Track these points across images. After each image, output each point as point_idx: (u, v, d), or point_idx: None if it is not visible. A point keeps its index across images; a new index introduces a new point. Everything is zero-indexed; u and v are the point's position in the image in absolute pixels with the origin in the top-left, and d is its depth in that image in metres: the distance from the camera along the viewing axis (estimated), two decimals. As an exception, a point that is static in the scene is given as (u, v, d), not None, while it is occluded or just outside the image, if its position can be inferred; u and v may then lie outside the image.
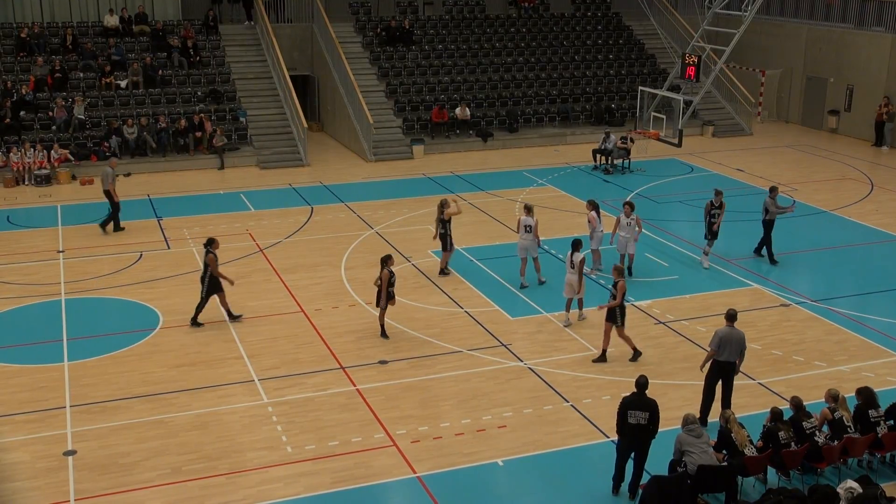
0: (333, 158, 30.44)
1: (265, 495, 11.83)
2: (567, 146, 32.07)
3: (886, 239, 22.14)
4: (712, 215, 19.56)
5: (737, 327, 13.24)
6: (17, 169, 26.44)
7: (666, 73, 34.62)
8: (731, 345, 13.14)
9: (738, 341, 13.18)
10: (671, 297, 18.38)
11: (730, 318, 13.30)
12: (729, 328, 13.16)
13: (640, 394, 11.61)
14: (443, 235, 19.08)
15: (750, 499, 11.58)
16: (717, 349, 13.12)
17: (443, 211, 18.96)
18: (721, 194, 19.70)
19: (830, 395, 12.53)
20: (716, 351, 13.13)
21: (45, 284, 18.94)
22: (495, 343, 16.28)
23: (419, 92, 32.95)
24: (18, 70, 29.87)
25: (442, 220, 18.97)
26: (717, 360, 13.19)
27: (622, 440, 11.71)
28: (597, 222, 19.02)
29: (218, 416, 13.77)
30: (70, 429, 13.39)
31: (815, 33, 35.82)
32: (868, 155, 31.41)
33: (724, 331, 13.15)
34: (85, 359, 15.59)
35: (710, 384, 13.36)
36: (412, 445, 12.98)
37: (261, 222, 23.20)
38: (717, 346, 13.12)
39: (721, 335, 13.12)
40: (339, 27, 33.84)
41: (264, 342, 16.30)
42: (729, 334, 13.12)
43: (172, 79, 31.09)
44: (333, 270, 19.81)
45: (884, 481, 11.81)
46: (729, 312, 13.38)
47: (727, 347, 13.12)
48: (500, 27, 36.68)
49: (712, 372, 13.30)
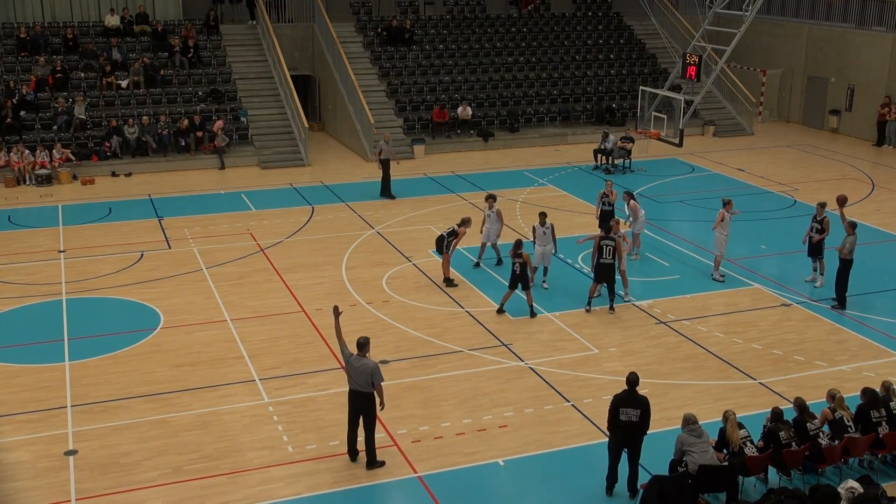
0: (334, 158, 30.44)
1: (266, 495, 11.84)
2: (568, 146, 32.07)
3: (887, 239, 22.13)
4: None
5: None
6: (18, 169, 26.46)
7: (667, 72, 34.61)
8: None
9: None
10: (671, 297, 18.38)
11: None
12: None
13: (631, 391, 11.60)
14: (441, 239, 19.06)
15: (751, 498, 11.58)
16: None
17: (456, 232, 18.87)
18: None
19: (830, 394, 12.55)
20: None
21: (46, 284, 18.95)
22: (496, 343, 16.28)
23: (420, 92, 32.95)
24: (20, 70, 29.88)
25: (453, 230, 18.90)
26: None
27: (613, 438, 11.72)
28: (639, 209, 19.88)
29: (219, 415, 13.77)
30: (71, 428, 13.40)
31: (815, 33, 35.81)
32: (869, 155, 31.40)
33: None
34: (86, 358, 15.60)
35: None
36: (413, 445, 12.98)
37: (262, 222, 23.21)
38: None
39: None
40: (340, 27, 33.85)
41: (265, 342, 16.30)
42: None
43: (173, 79, 31.10)
44: (334, 270, 19.82)
45: (885, 481, 11.82)
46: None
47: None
48: (500, 27, 36.68)
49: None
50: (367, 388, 12.12)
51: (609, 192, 20.62)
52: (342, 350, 12.33)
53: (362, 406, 12.23)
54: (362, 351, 12.16)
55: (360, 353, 12.14)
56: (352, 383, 12.23)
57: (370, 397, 12.18)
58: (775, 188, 26.65)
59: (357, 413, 12.30)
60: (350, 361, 12.18)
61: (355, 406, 12.29)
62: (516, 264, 17.05)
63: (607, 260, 17.23)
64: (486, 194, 20.21)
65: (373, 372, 12.03)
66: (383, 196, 25.40)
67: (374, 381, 12.07)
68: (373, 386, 12.10)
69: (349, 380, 12.28)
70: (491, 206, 19.50)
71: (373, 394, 12.16)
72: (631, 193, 20.36)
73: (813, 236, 18.81)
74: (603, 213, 20.55)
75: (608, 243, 17.22)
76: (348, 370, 12.25)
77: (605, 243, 17.23)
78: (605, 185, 20.98)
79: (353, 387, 12.21)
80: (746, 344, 16.30)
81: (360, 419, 12.31)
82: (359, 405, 12.24)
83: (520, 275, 17.11)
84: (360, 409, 12.26)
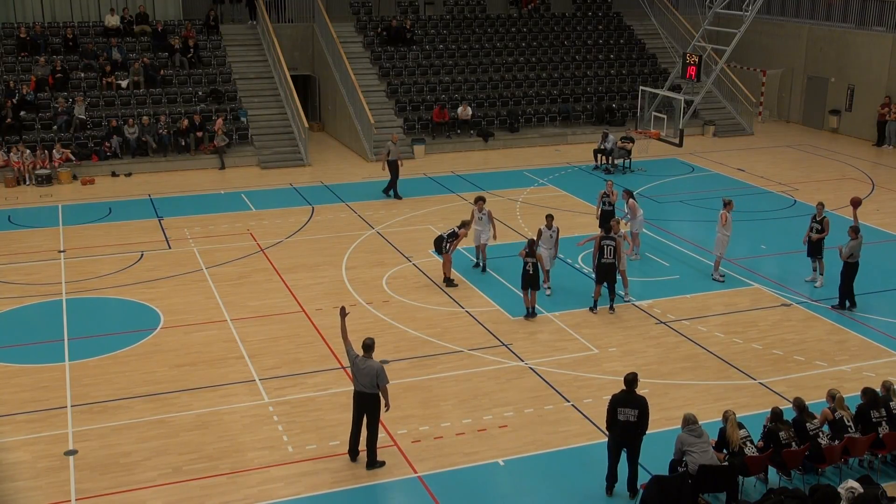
0: (334, 158, 30.44)
1: (266, 495, 11.84)
2: (568, 146, 32.07)
3: (887, 239, 22.13)
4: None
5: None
6: (18, 169, 26.46)
7: (667, 72, 34.61)
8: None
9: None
10: (671, 297, 18.38)
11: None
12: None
13: (629, 391, 11.61)
14: (440, 239, 19.04)
15: (751, 498, 11.58)
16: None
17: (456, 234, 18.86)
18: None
19: (830, 394, 12.55)
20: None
21: (46, 284, 18.95)
22: (496, 343, 16.28)
23: (420, 92, 32.95)
24: (20, 70, 29.88)
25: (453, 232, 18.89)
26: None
27: (612, 437, 11.73)
28: (637, 207, 19.93)
29: (219, 415, 13.77)
30: (71, 428, 13.40)
31: (815, 33, 35.81)
32: (869, 155, 31.40)
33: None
34: (86, 358, 15.60)
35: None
36: (413, 445, 12.98)
37: (262, 222, 23.21)
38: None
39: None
40: (340, 27, 33.85)
41: (265, 342, 16.30)
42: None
43: (173, 79, 31.10)
44: (334, 270, 19.81)
45: (885, 481, 11.83)
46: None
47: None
48: (500, 27, 36.67)
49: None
50: (371, 389, 12.12)
51: (610, 192, 20.63)
52: (348, 351, 12.33)
53: (367, 407, 12.23)
54: (368, 352, 12.16)
55: (366, 355, 12.15)
56: (357, 384, 12.23)
57: (375, 398, 12.19)
58: (775, 188, 26.65)
59: (361, 414, 12.31)
60: (355, 363, 12.17)
61: (360, 407, 12.30)
62: (529, 264, 17.02)
63: (608, 260, 17.22)
64: (476, 196, 20.15)
65: (378, 374, 12.04)
66: (391, 195, 25.29)
67: (379, 382, 12.07)
68: (378, 387, 12.10)
69: (354, 381, 12.28)
70: (481, 208, 19.42)
71: (377, 395, 12.16)
72: (630, 192, 20.36)
73: (813, 236, 18.81)
74: (603, 213, 20.55)
75: (609, 243, 17.22)
76: (353, 371, 12.25)
77: (606, 243, 17.23)
78: (606, 185, 20.98)
79: (359, 388, 12.21)
80: (746, 344, 16.30)
81: (363, 420, 12.32)
82: (363, 406, 12.25)
83: (533, 275, 17.10)
84: (364, 410, 12.26)
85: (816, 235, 18.72)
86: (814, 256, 19.01)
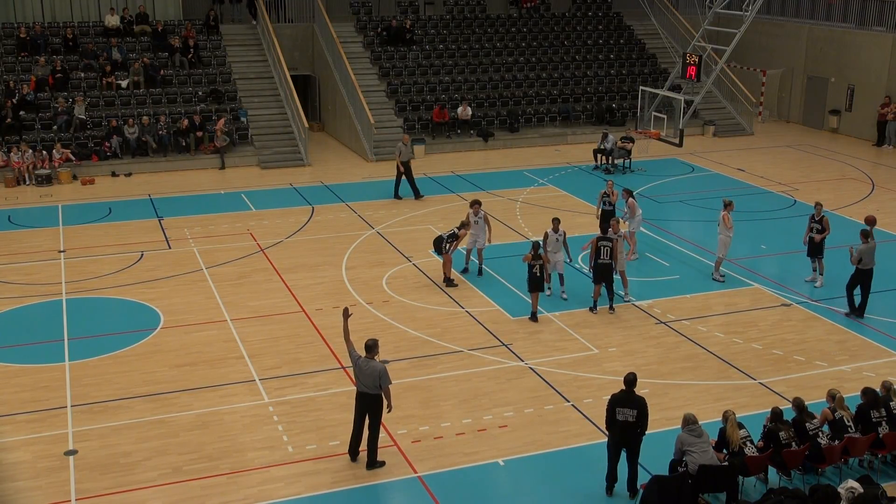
0: (334, 158, 30.44)
1: (266, 495, 11.84)
2: (568, 146, 32.07)
3: (887, 239, 22.12)
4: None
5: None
6: (18, 169, 26.46)
7: (667, 72, 34.61)
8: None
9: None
10: (671, 297, 18.38)
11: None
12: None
13: (628, 391, 11.61)
14: (439, 239, 19.03)
15: (751, 499, 11.58)
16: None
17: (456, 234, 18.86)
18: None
19: (830, 394, 12.56)
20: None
21: (46, 284, 18.95)
22: (496, 343, 16.28)
23: (420, 92, 32.95)
24: (20, 70, 29.88)
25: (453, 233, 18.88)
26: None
27: (611, 437, 11.74)
28: (636, 207, 19.94)
29: (219, 415, 13.77)
30: (71, 428, 13.40)
31: (815, 33, 35.81)
32: (869, 155, 31.39)
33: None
34: (86, 358, 15.60)
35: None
36: (413, 445, 12.98)
37: (262, 222, 23.21)
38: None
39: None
40: (340, 27, 33.85)
41: (265, 342, 16.30)
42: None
43: (173, 79, 31.10)
44: (334, 270, 19.82)
45: (885, 481, 11.82)
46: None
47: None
48: (500, 27, 36.67)
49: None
50: (374, 390, 12.12)
51: (610, 192, 20.63)
52: (350, 352, 12.32)
53: (369, 407, 12.24)
54: (370, 353, 12.16)
55: (369, 356, 12.14)
56: (359, 385, 12.23)
57: (377, 399, 12.19)
58: (775, 188, 26.65)
59: (363, 414, 12.31)
60: (358, 364, 12.17)
61: (362, 407, 12.30)
62: (535, 267, 17.01)
63: (605, 261, 17.23)
64: (472, 200, 19.90)
65: (381, 375, 12.04)
66: (419, 194, 25.21)
67: (381, 383, 12.07)
68: (380, 388, 12.10)
69: (356, 382, 12.28)
70: (477, 212, 19.19)
71: (380, 395, 12.16)
72: (630, 191, 20.36)
73: (813, 236, 18.82)
74: (604, 213, 20.55)
75: (605, 244, 17.23)
76: (356, 372, 12.25)
77: (603, 244, 17.24)
78: (606, 184, 20.98)
79: (361, 388, 12.21)
80: (746, 344, 16.30)
81: (365, 420, 12.32)
82: (365, 406, 12.25)
83: (540, 277, 17.09)
84: (366, 411, 12.26)
85: (818, 236, 18.72)
86: (814, 256, 19.01)
